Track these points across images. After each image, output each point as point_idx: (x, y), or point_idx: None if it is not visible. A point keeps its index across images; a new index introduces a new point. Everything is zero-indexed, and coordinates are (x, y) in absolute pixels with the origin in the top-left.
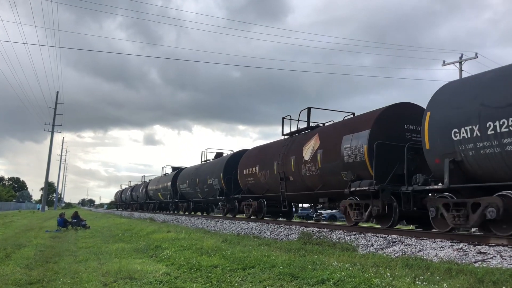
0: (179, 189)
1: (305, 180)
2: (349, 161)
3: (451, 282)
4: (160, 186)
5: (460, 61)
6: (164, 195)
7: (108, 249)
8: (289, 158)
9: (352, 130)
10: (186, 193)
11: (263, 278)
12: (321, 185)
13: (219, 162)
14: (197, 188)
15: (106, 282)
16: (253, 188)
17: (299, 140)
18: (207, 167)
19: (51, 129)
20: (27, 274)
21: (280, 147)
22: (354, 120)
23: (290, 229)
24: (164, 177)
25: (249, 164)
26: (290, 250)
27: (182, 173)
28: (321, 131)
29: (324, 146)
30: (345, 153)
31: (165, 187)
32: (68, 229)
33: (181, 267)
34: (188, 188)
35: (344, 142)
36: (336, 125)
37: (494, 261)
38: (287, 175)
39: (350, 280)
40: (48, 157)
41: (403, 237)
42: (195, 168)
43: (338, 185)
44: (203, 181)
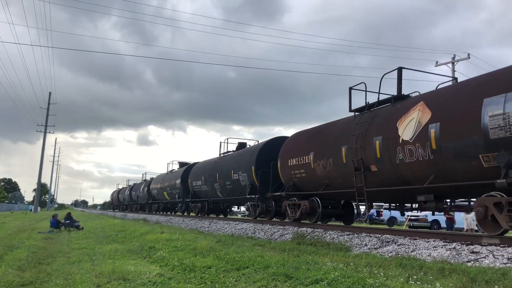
0: (192, 187)
1: (401, 169)
2: (500, 135)
3: (444, 281)
4: (166, 184)
5: (453, 61)
6: (171, 194)
7: (102, 250)
8: (371, 139)
9: (501, 88)
10: (200, 191)
11: (257, 279)
12: (433, 176)
13: (249, 152)
14: (217, 186)
15: (100, 283)
16: (301, 184)
17: (387, 114)
18: (231, 160)
19: (43, 130)
20: (19, 275)
21: (350, 126)
22: (500, 74)
23: (284, 229)
24: (170, 174)
25: (298, 152)
26: (284, 250)
27: (195, 168)
28: (429, 98)
29: (442, 118)
30: (491, 124)
31: (172, 185)
32: (61, 230)
33: (175, 268)
34: (203, 186)
35: (488, 108)
36: (466, 84)
37: (487, 261)
38: (368, 163)
39: (344, 280)
40: (41, 158)
41: (396, 237)
42: (214, 162)
43: (470, 174)
44: (225, 177)
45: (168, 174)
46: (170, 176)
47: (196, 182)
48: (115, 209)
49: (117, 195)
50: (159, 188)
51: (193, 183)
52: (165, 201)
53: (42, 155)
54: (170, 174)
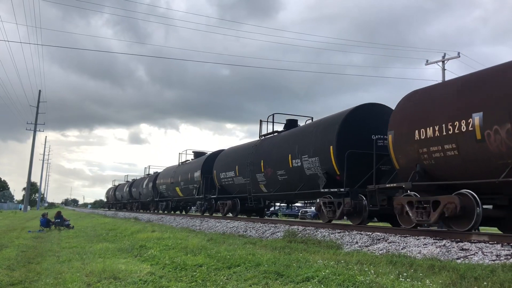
0: (219, 180)
1: None
2: None
3: (434, 278)
4: (179, 179)
5: (443, 60)
6: (186, 190)
7: (92, 249)
8: None
9: None
10: (232, 185)
11: (248, 277)
12: None
13: (323, 127)
14: (260, 177)
15: (90, 282)
16: (442, 168)
17: None
18: (284, 141)
19: (33, 128)
20: (8, 275)
21: None
22: None
23: (275, 227)
24: (184, 165)
25: (438, 115)
26: (275, 248)
27: (222, 156)
28: None
29: None
30: None
31: (188, 179)
32: (51, 229)
33: (166, 267)
34: (237, 178)
35: None
36: None
37: (476, 258)
38: None
39: (334, 277)
40: (31, 156)
41: (387, 235)
42: (253, 146)
43: None
44: (277, 164)
45: (182, 166)
46: (184, 168)
47: (226, 173)
48: (111, 208)
49: (114, 192)
50: (169, 183)
51: (220, 175)
52: (178, 198)
53: (32, 153)
54: (184, 165)
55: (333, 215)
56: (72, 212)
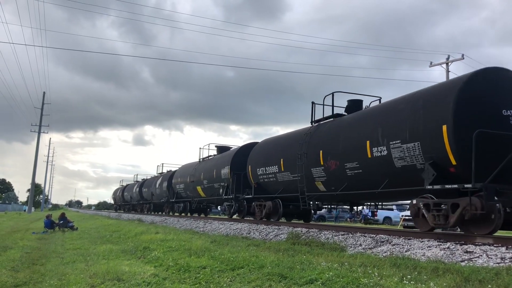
0: (255, 177)
1: None
2: None
3: (438, 281)
4: (201, 177)
5: (447, 62)
6: (210, 189)
7: (96, 250)
8: None
9: None
10: (274, 183)
11: (251, 279)
12: None
13: (434, 97)
14: (318, 172)
15: (94, 283)
16: None
17: None
18: (364, 122)
19: (38, 130)
20: (13, 276)
21: None
22: None
23: (279, 229)
24: (207, 161)
25: None
26: (279, 250)
27: (260, 147)
28: None
29: None
30: None
31: (212, 177)
32: (55, 231)
33: (170, 268)
34: (281, 174)
35: None
36: None
37: (480, 260)
38: None
39: (338, 280)
40: (35, 158)
41: (391, 237)
42: (306, 134)
43: None
44: (350, 153)
45: (204, 163)
46: (207, 165)
47: (265, 169)
48: (118, 209)
49: (122, 193)
50: (189, 182)
51: (257, 171)
52: (199, 199)
53: (36, 155)
54: (207, 162)
55: (443, 221)
56: (76, 213)
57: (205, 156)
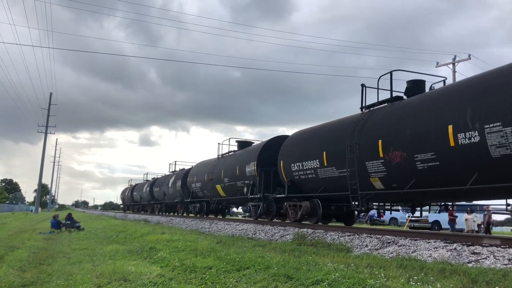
0: (289, 174)
1: None
2: None
3: (445, 282)
4: (221, 175)
5: (454, 62)
6: (231, 188)
7: (102, 250)
8: None
9: None
10: (313, 180)
11: (257, 279)
12: None
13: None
14: (375, 166)
15: (100, 284)
16: None
17: None
18: (445, 102)
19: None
20: (20, 276)
21: None
22: None
23: (284, 230)
24: (227, 158)
25: None
26: (284, 251)
27: (294, 140)
28: None
29: None
30: None
31: (235, 175)
32: (61, 231)
33: (176, 269)
34: (323, 170)
35: None
36: None
37: (488, 262)
38: None
39: (344, 281)
40: (42, 159)
41: (397, 238)
42: (357, 121)
43: None
44: (422, 141)
45: (224, 159)
46: (228, 162)
47: (302, 164)
48: (127, 210)
49: (131, 193)
50: (207, 180)
51: (291, 167)
52: (219, 199)
53: (42, 156)
54: (227, 158)
55: None
56: (82, 214)
57: (224, 152)
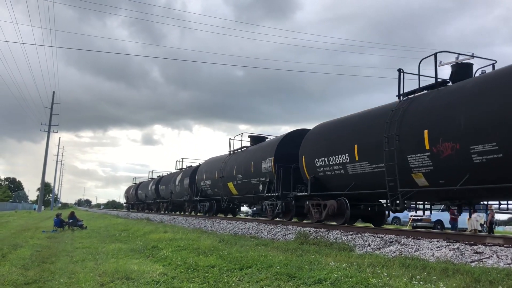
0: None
1: None
2: None
3: (448, 281)
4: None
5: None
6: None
7: (105, 249)
8: None
9: None
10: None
11: (260, 278)
12: None
13: None
14: (420, 160)
15: (103, 282)
16: None
17: None
18: None
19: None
20: (23, 274)
21: None
22: None
23: (287, 229)
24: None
25: None
26: (287, 250)
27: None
28: None
29: None
30: None
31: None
32: (64, 230)
33: (178, 267)
34: (353, 166)
35: None
36: None
37: (491, 261)
38: None
39: (347, 280)
40: (44, 157)
41: (399, 237)
42: (396, 109)
43: None
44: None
45: (236, 155)
46: (241, 158)
47: (328, 159)
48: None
49: (135, 191)
50: (217, 178)
51: (315, 162)
52: (231, 197)
53: (45, 154)
54: (240, 154)
55: None
56: (85, 212)
57: (236, 148)
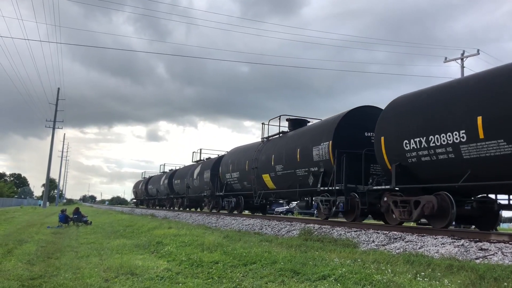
0: (397, 156)
1: None
2: None
3: (452, 278)
4: (270, 162)
5: (462, 57)
6: (286, 178)
7: (110, 245)
8: None
9: None
10: (445, 163)
11: (264, 274)
12: None
13: None
14: None
15: (108, 277)
16: None
17: None
18: None
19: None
20: (28, 269)
21: None
22: None
23: (291, 225)
24: (277, 141)
25: None
26: (291, 246)
27: (402, 105)
28: None
29: None
30: None
31: (294, 161)
32: (69, 225)
33: (182, 263)
34: (472, 148)
35: None
36: None
37: (495, 258)
38: None
39: (351, 276)
40: (49, 153)
41: (404, 234)
42: None
43: None
44: None
45: (273, 143)
46: (281, 145)
47: (432, 138)
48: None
49: (145, 186)
50: (248, 169)
51: (405, 145)
52: (266, 192)
53: (50, 151)
54: (279, 140)
55: None
56: (90, 208)
57: (273, 134)
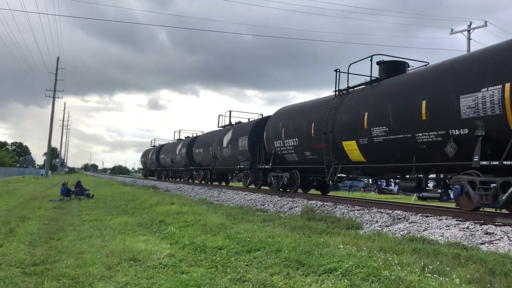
0: None
1: None
2: None
3: (461, 272)
4: (363, 123)
5: (469, 29)
6: (395, 145)
7: (112, 223)
8: None
9: None
10: None
11: (268, 264)
12: None
13: None
14: None
15: (110, 264)
16: None
17: None
18: None
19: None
20: (31, 253)
21: None
22: None
23: (293, 202)
24: (373, 89)
25: None
26: (294, 228)
27: None
28: None
29: None
30: None
31: (415, 117)
32: (71, 198)
33: (186, 247)
34: None
35: None
36: None
37: (502, 243)
38: None
39: (358, 270)
40: (50, 124)
41: (407, 214)
42: None
43: None
44: None
45: (360, 94)
46: (375, 96)
47: None
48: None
49: (156, 155)
50: (313, 136)
51: None
52: (347, 167)
53: (51, 120)
54: (368, 91)
55: None
56: (92, 178)
57: (355, 85)
